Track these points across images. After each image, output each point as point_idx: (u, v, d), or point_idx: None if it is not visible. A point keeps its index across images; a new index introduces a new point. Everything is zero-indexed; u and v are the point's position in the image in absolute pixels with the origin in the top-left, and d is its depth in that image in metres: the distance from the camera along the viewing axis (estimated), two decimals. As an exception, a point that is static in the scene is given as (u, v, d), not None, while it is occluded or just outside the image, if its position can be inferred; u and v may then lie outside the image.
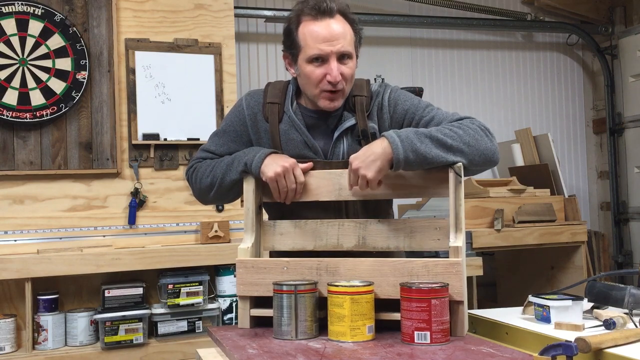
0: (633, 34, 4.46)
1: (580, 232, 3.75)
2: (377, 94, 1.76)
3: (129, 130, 3.20)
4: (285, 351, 1.40)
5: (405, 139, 1.54)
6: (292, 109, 1.75)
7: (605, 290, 1.61)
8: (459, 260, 1.48)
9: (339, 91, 1.67)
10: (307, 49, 1.66)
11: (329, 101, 1.69)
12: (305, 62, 1.67)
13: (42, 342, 2.91)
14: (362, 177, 1.57)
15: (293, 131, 1.73)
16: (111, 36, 3.18)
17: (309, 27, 1.66)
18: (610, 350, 1.28)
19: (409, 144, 1.54)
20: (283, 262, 1.62)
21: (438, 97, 4.50)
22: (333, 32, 1.64)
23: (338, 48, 1.64)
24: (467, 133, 1.58)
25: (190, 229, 3.28)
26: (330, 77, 1.64)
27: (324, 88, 1.67)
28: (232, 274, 3.18)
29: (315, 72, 1.66)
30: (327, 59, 1.65)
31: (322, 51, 1.64)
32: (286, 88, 1.79)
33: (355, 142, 1.72)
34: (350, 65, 1.68)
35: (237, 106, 1.82)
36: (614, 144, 4.67)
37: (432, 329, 1.40)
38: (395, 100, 1.74)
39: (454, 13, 4.49)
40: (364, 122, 1.71)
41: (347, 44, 1.66)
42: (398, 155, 1.54)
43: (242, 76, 4.02)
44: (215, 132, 1.84)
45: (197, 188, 1.80)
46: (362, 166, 1.56)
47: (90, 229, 3.14)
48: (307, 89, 1.71)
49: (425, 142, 1.54)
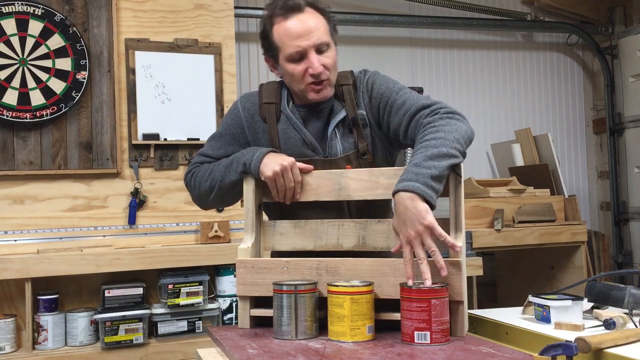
0: (633, 34, 4.46)
1: (580, 232, 3.75)
2: (359, 80, 1.78)
3: (129, 130, 3.21)
4: (285, 351, 1.40)
5: (414, 176, 1.46)
6: (289, 107, 1.76)
7: (605, 290, 1.61)
8: (459, 260, 1.48)
9: (324, 81, 1.69)
10: (284, 48, 1.68)
11: (317, 93, 1.70)
12: (286, 61, 1.69)
13: (42, 342, 2.91)
14: (418, 233, 1.43)
15: (291, 130, 1.74)
16: (111, 36, 3.18)
17: (282, 27, 1.67)
18: (610, 351, 1.28)
19: (422, 178, 1.45)
20: (283, 262, 1.62)
21: (438, 97, 4.49)
22: (306, 27, 1.66)
23: (314, 41, 1.66)
24: (444, 130, 1.55)
25: (190, 229, 3.28)
26: (312, 69, 1.66)
27: (308, 81, 1.68)
28: (232, 274, 3.18)
29: (297, 69, 1.68)
30: (306, 54, 1.66)
31: (300, 47, 1.66)
32: (280, 87, 1.80)
33: (347, 131, 1.73)
34: (329, 54, 1.69)
35: (232, 109, 1.82)
36: (614, 144, 4.67)
37: (432, 329, 1.40)
38: (372, 84, 1.76)
39: (454, 13, 4.49)
40: (354, 111, 1.73)
41: (322, 34, 1.68)
42: (426, 195, 1.44)
43: (242, 76, 4.02)
44: (212, 136, 1.84)
45: (197, 192, 1.80)
46: (408, 228, 1.44)
47: (90, 229, 3.14)
48: (293, 86, 1.73)
49: (430, 165, 1.48)
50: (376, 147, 1.76)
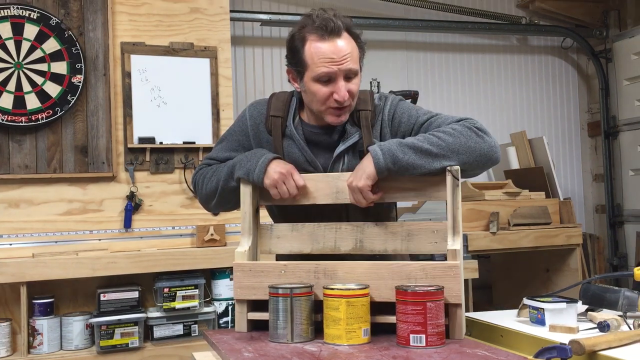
0: (627, 38, 4.48)
1: (575, 235, 3.76)
2: (379, 109, 1.76)
3: (125, 134, 3.20)
4: (281, 354, 1.40)
5: (387, 151, 1.58)
6: (294, 124, 1.75)
7: (600, 292, 1.62)
8: (457, 263, 1.49)
9: (345, 107, 1.68)
10: (314, 67, 1.65)
11: (336, 117, 1.69)
12: (312, 81, 1.66)
13: (38, 346, 2.90)
14: (353, 189, 1.62)
15: (294, 147, 1.74)
16: (107, 40, 3.18)
17: (316, 46, 1.64)
18: (604, 353, 1.28)
19: (390, 155, 1.57)
20: (280, 266, 1.63)
21: (433, 100, 4.52)
22: (340, 52, 1.64)
23: (345, 66, 1.64)
24: (456, 138, 1.57)
25: (186, 233, 3.27)
26: (338, 96, 1.64)
27: (331, 105, 1.67)
28: (227, 278, 3.18)
29: (322, 90, 1.66)
30: (334, 78, 1.65)
31: (330, 70, 1.63)
32: (290, 101, 1.78)
33: (355, 157, 1.72)
34: (356, 81, 1.68)
35: (241, 116, 1.83)
36: (609, 147, 4.69)
37: (428, 331, 1.40)
38: (394, 112, 1.74)
39: (449, 17, 4.50)
40: (369, 138, 1.71)
41: (354, 61, 1.66)
42: (379, 166, 1.58)
43: (238, 80, 4.03)
44: (220, 139, 1.87)
45: (202, 193, 1.81)
46: (352, 180, 1.62)
47: (86, 232, 3.13)
48: (313, 106, 1.71)
49: (407, 153, 1.57)
50: None
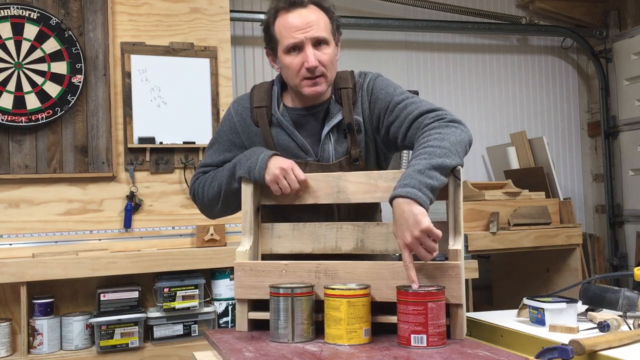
0: (627, 38, 4.48)
1: (575, 235, 3.76)
2: (359, 84, 1.78)
3: (125, 134, 3.20)
4: (282, 354, 1.40)
5: (417, 184, 1.47)
6: (280, 111, 1.76)
7: (600, 292, 1.62)
8: (458, 263, 1.48)
9: (319, 76, 1.69)
10: (282, 40, 1.69)
11: (311, 87, 1.70)
12: (284, 54, 1.70)
13: (38, 346, 2.90)
14: (412, 244, 1.44)
15: (283, 133, 1.75)
16: (107, 40, 3.18)
17: (283, 19, 1.70)
18: (604, 353, 1.28)
19: (424, 188, 1.47)
20: (282, 265, 1.62)
21: (433, 100, 4.48)
22: (305, 20, 1.68)
23: (312, 34, 1.67)
24: (447, 141, 1.56)
25: (186, 233, 3.27)
26: (307, 63, 1.67)
27: (303, 75, 1.69)
28: (227, 278, 3.18)
29: (293, 62, 1.69)
30: (302, 47, 1.68)
31: (296, 39, 1.67)
32: (271, 89, 1.80)
33: (341, 136, 1.74)
34: (327, 51, 1.70)
35: (226, 115, 1.84)
36: (609, 147, 4.69)
37: (429, 332, 1.40)
38: (372, 88, 1.76)
39: (449, 17, 4.50)
40: (350, 116, 1.73)
41: (321, 30, 1.69)
42: (423, 203, 1.46)
43: (238, 80, 4.02)
44: (210, 144, 1.86)
45: (204, 202, 1.81)
46: (405, 232, 1.45)
47: (86, 232, 3.13)
48: (289, 80, 1.74)
49: (434, 176, 1.49)
50: (369, 154, 1.77)
